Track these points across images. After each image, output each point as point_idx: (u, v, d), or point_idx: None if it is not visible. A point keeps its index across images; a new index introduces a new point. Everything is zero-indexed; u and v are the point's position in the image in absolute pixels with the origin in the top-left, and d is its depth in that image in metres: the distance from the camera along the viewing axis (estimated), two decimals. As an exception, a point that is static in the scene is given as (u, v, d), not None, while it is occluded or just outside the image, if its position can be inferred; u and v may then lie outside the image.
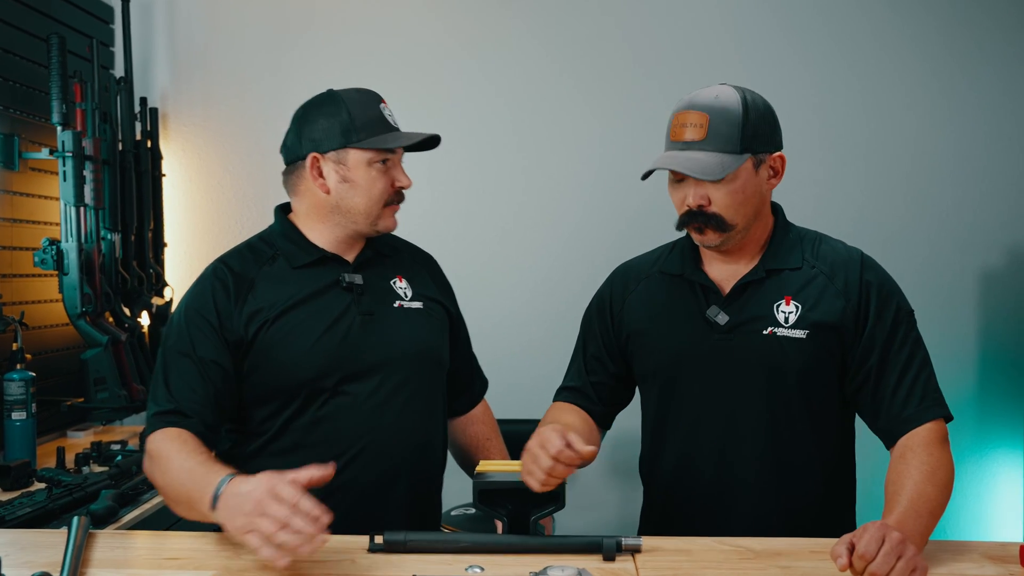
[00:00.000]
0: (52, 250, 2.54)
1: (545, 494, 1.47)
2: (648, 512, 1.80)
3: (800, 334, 1.61)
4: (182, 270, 3.11)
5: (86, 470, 2.22)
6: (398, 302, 1.78)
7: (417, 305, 1.80)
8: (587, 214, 3.15)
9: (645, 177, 1.63)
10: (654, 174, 1.62)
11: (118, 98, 2.86)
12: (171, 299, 2.98)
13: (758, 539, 1.52)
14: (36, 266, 2.54)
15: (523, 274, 3.17)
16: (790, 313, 1.62)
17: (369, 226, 1.75)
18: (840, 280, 1.63)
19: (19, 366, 2.26)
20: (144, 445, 1.61)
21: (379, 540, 1.45)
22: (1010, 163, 3.12)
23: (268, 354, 1.68)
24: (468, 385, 1.97)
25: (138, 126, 2.97)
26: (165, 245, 3.05)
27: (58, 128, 2.56)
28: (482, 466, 1.57)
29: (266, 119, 3.06)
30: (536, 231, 3.17)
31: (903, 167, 3.13)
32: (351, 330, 1.71)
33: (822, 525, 1.57)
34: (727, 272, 1.67)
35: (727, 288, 1.66)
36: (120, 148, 2.83)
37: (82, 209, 2.60)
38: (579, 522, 2.92)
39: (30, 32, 2.63)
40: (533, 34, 3.16)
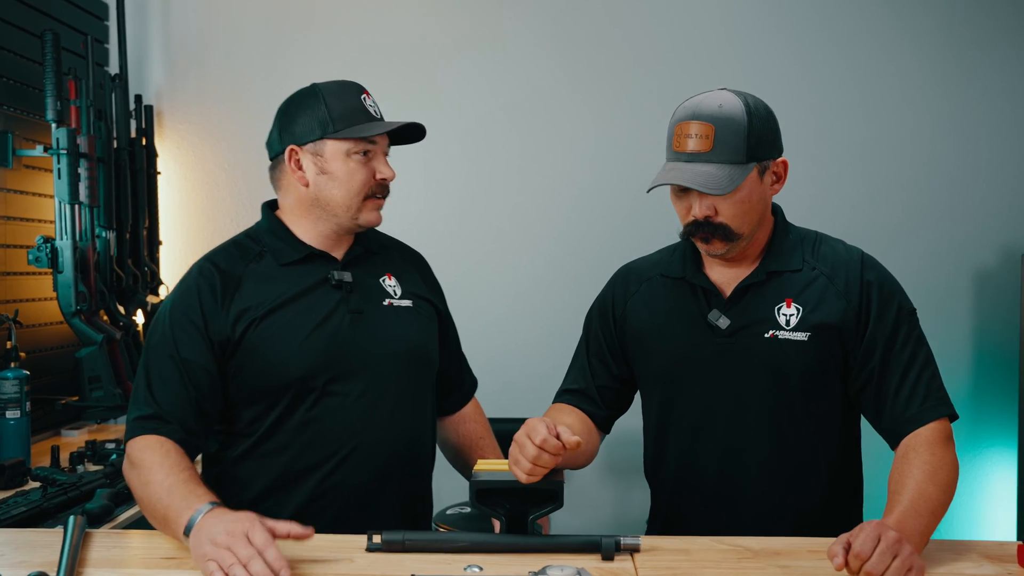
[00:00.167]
0: (47, 248, 2.53)
1: (543, 493, 1.46)
2: (654, 514, 1.80)
3: (802, 336, 1.61)
4: (177, 268, 3.09)
5: (81, 469, 2.21)
6: (387, 300, 1.75)
7: (407, 303, 1.77)
8: (582, 213, 3.15)
9: (651, 190, 1.60)
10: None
11: (113, 95, 2.86)
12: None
13: (757, 538, 1.52)
14: (30, 264, 2.53)
15: (518, 273, 3.16)
16: (791, 315, 1.62)
17: (350, 219, 1.70)
18: (841, 281, 1.63)
19: (13, 364, 2.25)
20: (125, 448, 1.59)
21: (377, 540, 1.44)
22: (1006, 163, 3.13)
23: (255, 353, 1.64)
24: (458, 384, 1.94)
25: (133, 124, 2.97)
26: (160, 243, 3.05)
27: (53, 125, 2.56)
28: (479, 465, 1.56)
29: (261, 117, 3.00)
30: (531, 230, 3.17)
31: (899, 167, 3.13)
32: (340, 329, 1.68)
33: (828, 526, 1.56)
34: (728, 275, 1.67)
35: (728, 291, 1.66)
36: (115, 146, 2.82)
37: (77, 207, 2.60)
38: (575, 521, 2.92)
39: (25, 28, 2.62)
40: (530, 33, 3.16)
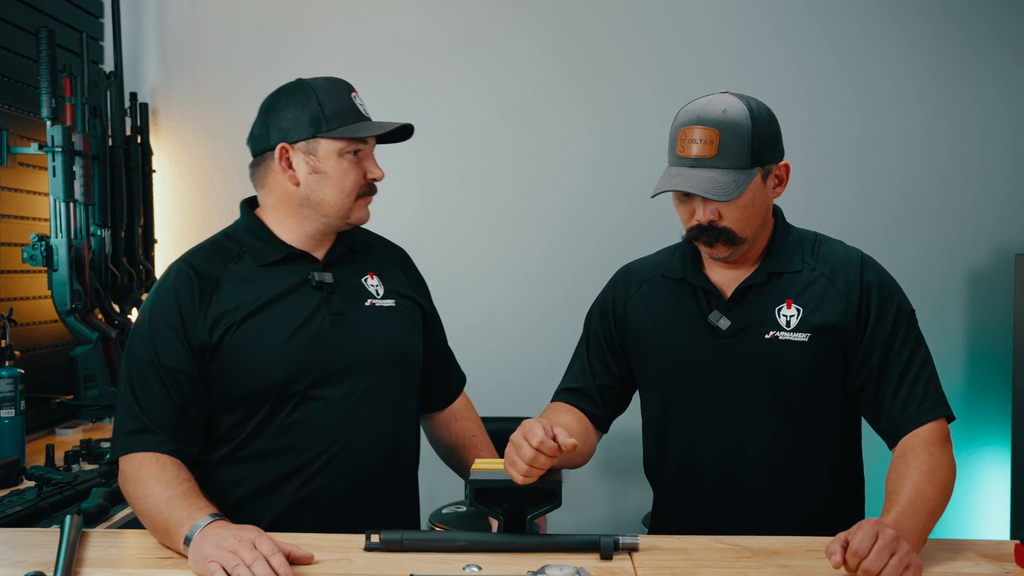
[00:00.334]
0: (41, 246, 2.52)
1: (541, 493, 1.46)
2: (657, 514, 1.80)
3: (802, 337, 1.61)
4: (172, 267, 3.09)
5: (76, 468, 2.21)
6: (369, 300, 1.72)
7: (389, 303, 1.74)
8: (576, 213, 3.16)
9: (655, 195, 1.59)
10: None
11: (108, 93, 2.84)
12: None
13: (755, 537, 1.52)
14: (25, 262, 2.52)
15: (512, 272, 3.16)
16: (792, 316, 1.62)
17: (340, 219, 1.68)
18: (840, 282, 1.63)
19: (8, 363, 2.24)
20: (117, 462, 1.58)
21: (375, 539, 1.43)
22: (1000, 163, 3.14)
23: (235, 359, 1.61)
24: (445, 381, 1.92)
25: (128, 121, 2.96)
26: (155, 241, 3.04)
27: (47, 123, 2.55)
28: (477, 465, 1.56)
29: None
30: (526, 230, 3.17)
31: (894, 167, 3.14)
32: (321, 332, 1.64)
33: (829, 524, 1.55)
34: (729, 276, 1.67)
35: (729, 292, 1.66)
36: (110, 143, 2.81)
37: (72, 205, 2.59)
38: (571, 520, 2.92)
39: (19, 26, 2.60)
40: (525, 33, 3.16)
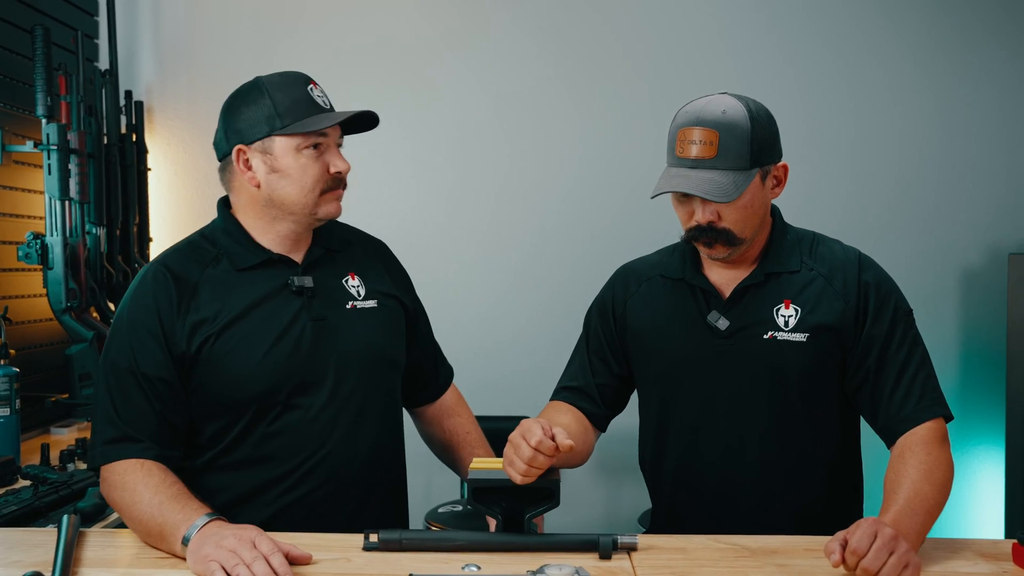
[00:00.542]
0: (36, 244, 2.51)
1: (540, 492, 1.46)
2: (656, 513, 1.80)
3: (800, 337, 1.61)
4: (167, 265, 3.08)
5: (71, 467, 2.19)
6: (351, 303, 1.68)
7: (371, 304, 1.71)
8: (571, 212, 3.16)
9: (655, 196, 1.59)
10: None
11: (103, 91, 2.84)
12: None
13: (754, 537, 1.52)
14: (20, 260, 2.52)
15: (507, 271, 3.16)
16: (790, 317, 1.62)
17: (307, 216, 1.63)
18: (839, 282, 1.63)
19: (3, 361, 2.22)
20: (99, 470, 1.56)
21: (374, 539, 1.43)
22: (993, 163, 3.15)
23: (216, 369, 1.58)
24: (432, 376, 1.89)
25: (123, 120, 2.95)
26: (150, 240, 3.03)
27: (43, 121, 2.54)
28: (475, 464, 1.55)
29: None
30: (520, 228, 3.16)
31: (888, 167, 3.15)
32: (302, 339, 1.61)
33: (828, 523, 1.55)
34: (727, 276, 1.67)
35: (727, 292, 1.66)
36: (105, 142, 2.80)
37: (67, 203, 2.58)
38: (567, 519, 2.92)
39: (14, 23, 2.60)
40: (520, 32, 3.16)
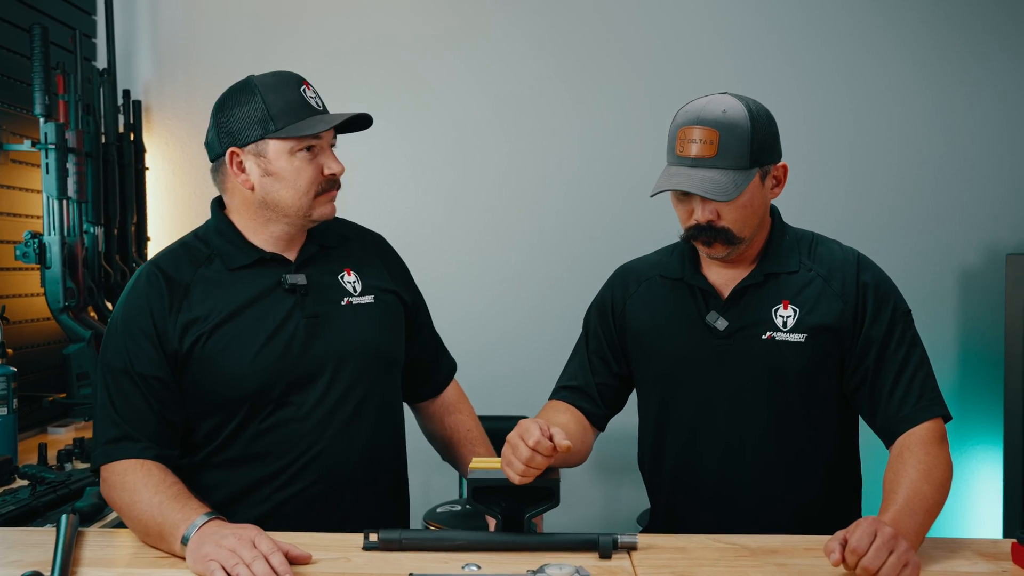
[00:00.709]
0: (34, 243, 2.51)
1: (539, 492, 1.46)
2: (655, 513, 1.80)
3: (799, 338, 1.61)
4: (165, 265, 3.07)
5: (69, 467, 2.19)
6: (346, 299, 1.67)
7: (368, 299, 1.69)
8: (570, 210, 3.16)
9: (654, 195, 1.59)
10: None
11: (101, 90, 2.84)
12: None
13: (754, 536, 1.52)
14: (18, 259, 2.51)
15: (506, 269, 3.16)
16: (788, 317, 1.62)
17: (302, 219, 1.62)
18: (837, 282, 1.64)
19: (0, 361, 2.23)
20: (99, 470, 1.55)
21: (374, 538, 1.43)
22: (991, 164, 3.15)
23: (208, 368, 1.58)
24: (434, 370, 1.88)
25: (121, 119, 2.95)
26: (148, 239, 3.03)
27: (41, 120, 2.54)
28: (475, 463, 1.55)
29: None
30: (519, 227, 3.16)
31: (886, 168, 3.15)
32: (295, 336, 1.60)
33: (827, 523, 1.56)
34: (726, 276, 1.67)
35: (726, 292, 1.66)
36: (103, 141, 2.80)
37: (65, 202, 2.58)
38: (565, 519, 2.91)
39: (12, 22, 2.59)
40: (519, 31, 3.15)
